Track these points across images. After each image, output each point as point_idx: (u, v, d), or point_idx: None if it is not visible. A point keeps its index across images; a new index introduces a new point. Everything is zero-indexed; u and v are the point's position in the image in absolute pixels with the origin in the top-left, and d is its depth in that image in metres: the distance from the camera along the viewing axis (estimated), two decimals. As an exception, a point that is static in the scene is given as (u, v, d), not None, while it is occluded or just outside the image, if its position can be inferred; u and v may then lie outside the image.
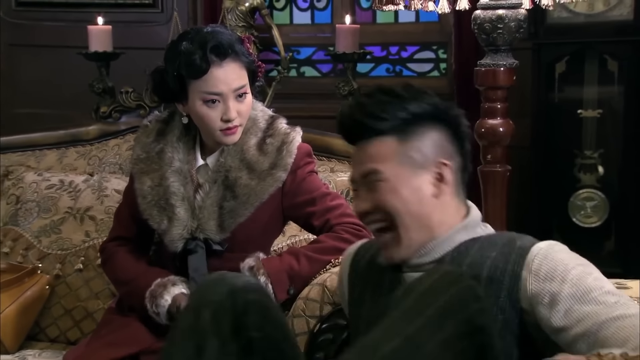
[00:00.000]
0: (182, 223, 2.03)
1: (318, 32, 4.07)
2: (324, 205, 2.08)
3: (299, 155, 2.08)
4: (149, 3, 4.09)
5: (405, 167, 1.53)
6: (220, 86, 1.98)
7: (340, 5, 4.01)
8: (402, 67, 4.00)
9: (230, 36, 2.04)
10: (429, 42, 3.93)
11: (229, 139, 2.02)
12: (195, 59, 1.96)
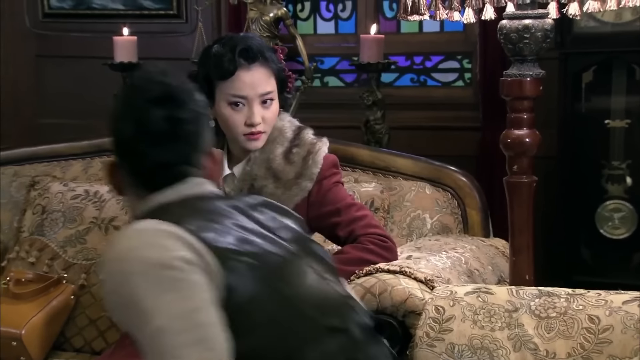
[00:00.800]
0: (206, 233, 2.05)
1: (342, 42, 4.08)
2: (349, 216, 2.09)
3: (325, 166, 2.10)
4: (173, 14, 4.12)
5: None
6: (246, 89, 2.02)
7: (365, 15, 4.02)
8: (426, 76, 4.00)
9: (260, 42, 2.09)
10: (454, 52, 3.93)
11: (252, 144, 2.04)
12: (224, 61, 2.02)
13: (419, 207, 2.51)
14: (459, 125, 3.73)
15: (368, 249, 2.05)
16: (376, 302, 1.92)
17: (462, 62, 3.91)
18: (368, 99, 2.78)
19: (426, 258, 2.12)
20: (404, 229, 2.50)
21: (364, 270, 2.00)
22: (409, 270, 1.98)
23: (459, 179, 2.52)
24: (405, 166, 2.58)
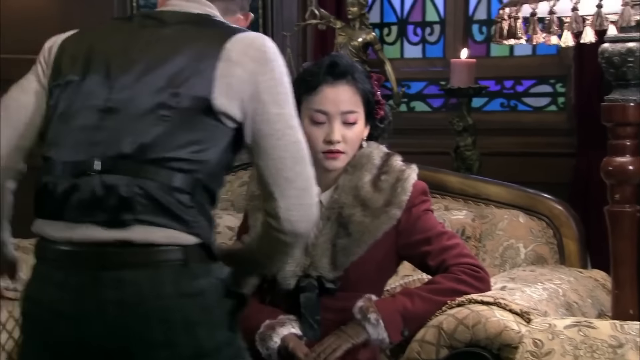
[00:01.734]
0: (295, 260, 2.06)
1: (429, 66, 4.07)
2: (440, 244, 2.07)
3: (414, 193, 2.08)
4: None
5: None
6: (328, 105, 2.04)
7: (453, 38, 4.00)
8: (517, 101, 3.94)
9: (350, 62, 2.13)
10: (546, 76, 3.86)
11: (330, 164, 2.05)
12: (310, 75, 2.07)
13: (512, 236, 2.48)
14: (552, 152, 3.66)
15: (460, 279, 2.02)
16: (469, 334, 1.90)
17: (555, 86, 3.85)
18: (458, 125, 2.76)
19: (521, 289, 2.08)
20: (496, 258, 2.46)
21: (456, 301, 1.98)
22: (503, 301, 1.95)
23: (555, 207, 2.48)
24: (497, 194, 2.55)
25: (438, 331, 1.92)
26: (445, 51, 4.04)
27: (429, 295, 2.01)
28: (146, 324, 1.51)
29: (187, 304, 1.53)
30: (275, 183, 1.56)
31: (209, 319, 1.55)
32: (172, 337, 1.51)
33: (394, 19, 4.15)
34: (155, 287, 1.51)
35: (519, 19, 1.83)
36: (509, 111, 3.93)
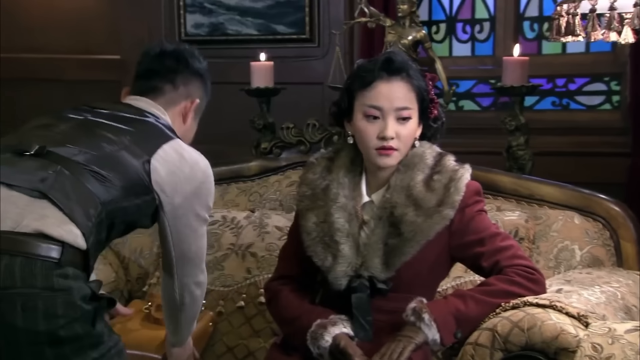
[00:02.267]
0: (347, 260, 2.06)
1: (478, 65, 4.03)
2: (494, 246, 2.05)
3: (467, 193, 2.07)
4: (306, 38, 4.21)
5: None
6: (382, 100, 2.03)
7: (503, 36, 3.97)
8: (569, 100, 3.89)
9: (405, 58, 2.11)
10: (600, 74, 3.81)
11: (383, 160, 2.04)
12: (365, 71, 2.07)
13: (567, 237, 2.44)
14: (606, 151, 3.61)
15: (514, 280, 2.00)
16: (525, 338, 1.87)
17: (610, 84, 3.79)
18: (510, 124, 2.72)
19: (578, 292, 2.05)
20: (550, 260, 2.43)
21: (511, 303, 1.95)
22: (560, 304, 1.92)
23: (612, 208, 2.43)
24: (551, 194, 2.52)
25: (492, 334, 1.90)
26: (495, 49, 4.01)
27: (482, 297, 1.98)
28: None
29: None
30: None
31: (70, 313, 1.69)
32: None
33: (442, 16, 4.13)
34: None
35: (578, 16, 1.80)
36: (561, 110, 3.89)
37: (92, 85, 4.46)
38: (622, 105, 3.72)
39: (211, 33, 4.36)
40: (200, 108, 2.18)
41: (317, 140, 2.80)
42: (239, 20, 4.31)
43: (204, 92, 2.17)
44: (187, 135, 2.14)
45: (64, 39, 4.47)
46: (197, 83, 2.15)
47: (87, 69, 4.46)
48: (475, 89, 4.08)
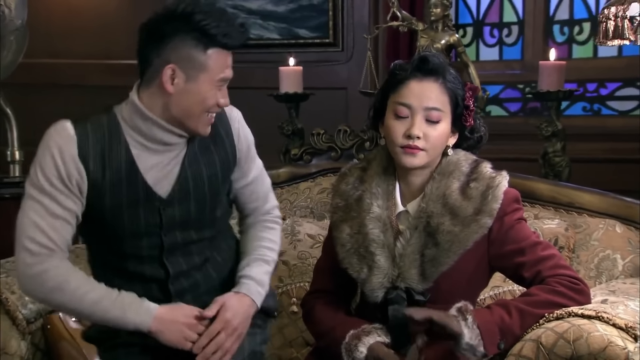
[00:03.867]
0: (383, 271, 2.04)
1: (506, 69, 4.02)
2: (535, 255, 2.03)
3: (505, 201, 2.04)
4: (329, 42, 4.21)
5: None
6: (412, 98, 2.02)
7: (532, 40, 3.95)
8: (600, 105, 3.87)
9: (442, 60, 2.09)
10: (633, 78, 3.79)
11: (407, 160, 2.02)
12: (399, 69, 2.07)
13: (608, 246, 2.42)
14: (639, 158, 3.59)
15: (557, 291, 1.97)
16: (571, 350, 1.85)
17: (644, 89, 3.78)
18: (547, 130, 2.71)
19: (624, 303, 2.02)
20: (591, 270, 2.40)
21: (555, 314, 1.93)
22: (606, 315, 1.89)
23: (655, 216, 2.41)
24: (591, 202, 2.50)
25: (537, 345, 1.87)
26: (524, 53, 4.00)
27: (526, 308, 1.96)
28: None
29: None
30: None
31: None
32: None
33: (469, 19, 4.13)
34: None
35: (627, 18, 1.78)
36: (592, 115, 3.87)
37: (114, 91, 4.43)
38: (656, 111, 3.71)
39: (233, 38, 4.36)
40: (190, 66, 1.95)
41: (349, 147, 2.79)
42: (261, 25, 4.32)
43: (184, 50, 1.95)
44: (183, 99, 1.97)
45: (85, 44, 4.49)
46: (169, 44, 1.96)
47: (109, 74, 4.47)
48: (502, 94, 4.07)
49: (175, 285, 2.07)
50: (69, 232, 2.01)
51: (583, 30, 3.91)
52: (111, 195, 2.01)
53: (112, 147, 2.00)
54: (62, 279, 1.98)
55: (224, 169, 2.12)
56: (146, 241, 2.05)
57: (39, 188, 1.98)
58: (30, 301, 2.34)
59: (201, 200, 2.08)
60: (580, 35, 3.90)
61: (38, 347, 2.38)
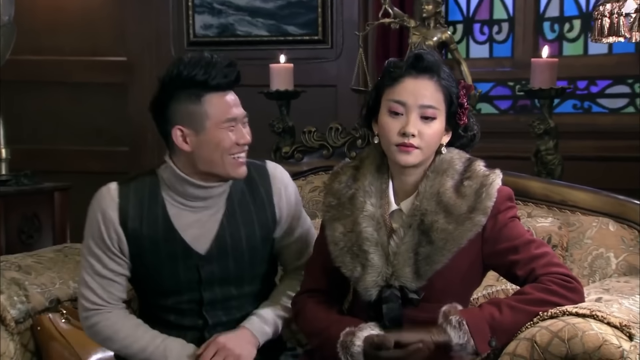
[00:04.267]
0: (376, 270, 2.04)
1: (497, 67, 4.03)
2: (529, 253, 2.03)
3: (499, 199, 2.05)
4: (318, 39, 4.20)
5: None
6: (407, 95, 2.02)
7: (522, 37, 3.97)
8: (591, 103, 3.89)
9: (437, 59, 2.09)
10: (623, 76, 3.81)
11: (402, 157, 2.03)
12: (394, 67, 2.07)
13: (601, 244, 2.43)
14: (630, 156, 3.60)
15: (550, 289, 1.98)
16: (565, 348, 1.85)
17: (634, 86, 3.79)
18: (539, 128, 2.72)
19: (618, 301, 2.03)
20: (585, 268, 2.42)
21: (549, 313, 1.93)
22: (600, 313, 1.90)
23: (648, 214, 2.42)
24: (585, 200, 2.51)
25: (531, 344, 1.88)
26: (514, 50, 4.01)
27: (518, 305, 1.96)
28: None
29: None
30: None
31: None
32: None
33: (459, 17, 4.13)
34: None
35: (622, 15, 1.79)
36: (582, 113, 3.88)
37: (98, 88, 4.46)
38: (646, 109, 3.72)
39: (220, 34, 4.36)
40: (193, 121, 2.08)
41: (340, 145, 2.79)
42: (249, 21, 4.31)
43: (182, 108, 2.08)
44: (202, 152, 2.09)
45: (70, 40, 4.47)
46: (171, 109, 2.10)
47: (93, 71, 4.46)
48: (493, 92, 4.08)
49: (211, 334, 2.19)
50: (118, 289, 2.21)
51: (573, 28, 3.93)
52: (151, 253, 2.16)
53: (150, 207, 2.15)
54: (112, 330, 2.19)
55: (263, 228, 2.22)
56: (187, 296, 2.18)
57: (87, 248, 2.18)
58: (19, 301, 2.35)
59: (239, 258, 2.19)
60: (570, 32, 3.92)
61: (27, 348, 2.37)
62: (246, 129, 2.16)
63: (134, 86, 4.45)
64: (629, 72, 3.80)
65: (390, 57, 3.64)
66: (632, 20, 1.80)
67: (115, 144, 4.52)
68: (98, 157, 4.49)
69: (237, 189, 2.20)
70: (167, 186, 2.16)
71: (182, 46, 4.40)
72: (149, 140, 4.45)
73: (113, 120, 4.48)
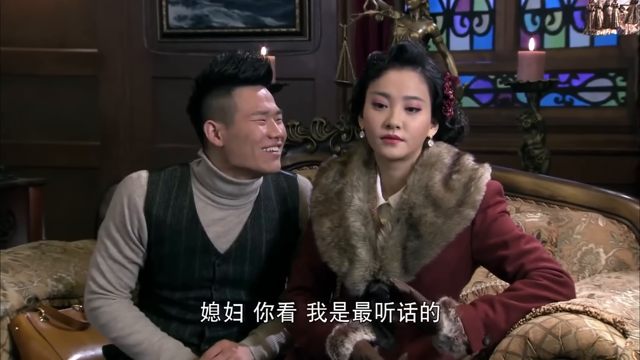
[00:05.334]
0: (364, 265, 2.04)
1: (477, 59, 4.05)
2: (518, 248, 2.04)
3: (489, 193, 2.06)
4: (296, 31, 4.19)
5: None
6: (390, 87, 2.03)
7: (503, 29, 3.99)
8: (572, 96, 3.92)
9: (421, 50, 2.10)
10: (606, 69, 3.84)
11: (388, 150, 2.03)
12: (377, 59, 2.08)
13: (591, 240, 2.44)
14: (612, 150, 3.64)
15: (541, 284, 1.98)
16: (559, 345, 1.86)
17: (616, 79, 3.82)
18: (526, 122, 2.74)
19: (610, 297, 2.04)
20: (574, 264, 2.43)
21: (542, 309, 1.94)
22: (594, 310, 1.91)
23: (637, 209, 2.45)
24: (574, 195, 2.52)
25: (524, 341, 1.88)
26: (495, 43, 4.03)
27: (511, 302, 1.97)
28: None
29: None
30: None
31: None
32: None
33: (439, 8, 4.14)
34: None
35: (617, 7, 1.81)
36: (564, 107, 3.91)
37: (68, 81, 4.41)
38: (628, 102, 3.76)
39: (195, 26, 4.32)
40: (224, 114, 2.14)
41: (325, 139, 2.78)
42: (225, 13, 4.28)
43: (214, 103, 2.15)
44: (233, 146, 2.15)
45: (39, 31, 4.41)
46: (203, 105, 2.17)
47: (63, 63, 4.40)
48: (473, 85, 4.10)
49: (212, 332, 2.21)
50: (128, 276, 2.23)
51: (555, 20, 3.95)
52: (170, 243, 2.19)
53: (178, 196, 2.18)
54: (112, 317, 2.20)
55: (285, 236, 2.26)
56: (196, 293, 2.21)
57: (106, 230, 2.21)
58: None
59: (256, 262, 2.23)
60: (552, 24, 3.95)
61: (3, 348, 2.35)
62: (280, 125, 2.20)
63: (105, 79, 4.41)
64: (611, 66, 3.83)
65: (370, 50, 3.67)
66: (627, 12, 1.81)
67: (85, 139, 4.47)
68: (67, 151, 4.44)
69: (265, 194, 2.25)
70: (197, 179, 2.20)
71: (156, 38, 4.36)
72: (121, 134, 4.42)
73: (83, 113, 4.43)
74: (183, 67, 4.29)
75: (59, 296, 2.52)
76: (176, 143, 4.30)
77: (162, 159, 4.08)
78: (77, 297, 2.55)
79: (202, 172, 2.18)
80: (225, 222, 2.20)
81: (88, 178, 4.37)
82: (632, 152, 3.54)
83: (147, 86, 4.41)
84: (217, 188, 2.18)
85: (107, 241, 2.20)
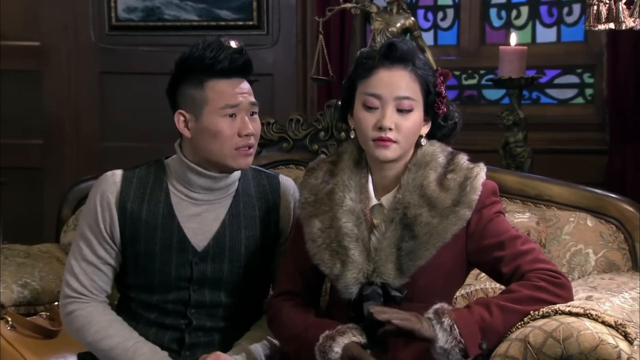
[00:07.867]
0: (357, 266, 2.05)
1: (442, 55, 4.07)
2: (514, 249, 2.07)
3: (484, 193, 2.08)
4: (253, 25, 4.16)
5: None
6: (382, 87, 2.04)
7: (468, 24, 4.02)
8: (539, 93, 3.98)
9: (411, 47, 2.11)
10: (573, 65, 3.90)
11: (380, 152, 2.04)
12: (367, 58, 2.08)
13: (580, 240, 2.48)
14: (580, 148, 3.70)
15: (539, 286, 2.01)
16: (560, 349, 1.88)
17: (583, 76, 3.89)
18: (508, 119, 2.77)
19: (609, 299, 2.08)
20: (563, 265, 2.47)
21: (541, 312, 1.97)
22: (595, 312, 1.94)
23: (626, 209, 2.49)
24: (561, 194, 2.55)
25: (524, 345, 1.90)
26: (460, 38, 4.06)
27: (507, 304, 1.99)
28: None
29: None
30: None
31: None
32: None
33: (402, 2, 4.15)
34: None
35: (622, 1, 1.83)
36: (530, 104, 3.96)
37: (9, 76, 4.29)
38: (595, 99, 3.82)
39: (145, 18, 4.26)
40: (194, 106, 2.14)
41: (302, 137, 2.76)
42: (178, 4, 4.24)
43: (187, 92, 2.15)
44: (200, 140, 2.15)
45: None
46: (178, 92, 2.17)
47: (3, 57, 4.28)
48: (437, 81, 4.11)
49: (192, 337, 2.20)
50: (103, 279, 2.22)
51: (521, 15, 4.00)
52: (145, 239, 2.18)
53: (153, 191, 2.19)
54: (86, 321, 2.18)
55: (265, 234, 2.24)
56: (174, 295, 2.19)
57: (80, 232, 2.22)
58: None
59: (235, 262, 2.21)
60: (518, 19, 4.00)
61: (-30, 357, 2.28)
62: (254, 120, 2.17)
63: (49, 74, 4.32)
64: (578, 62, 3.89)
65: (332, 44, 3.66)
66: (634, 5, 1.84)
67: (27, 137, 4.36)
68: (8, 150, 4.31)
69: (245, 191, 2.23)
70: (172, 174, 2.20)
71: (103, 31, 4.28)
72: (66, 132, 4.32)
73: (25, 110, 4.32)
74: (132, 62, 4.24)
75: (24, 303, 2.49)
76: (125, 142, 4.25)
77: (110, 158, 4.02)
78: (43, 303, 2.52)
79: (175, 165, 2.19)
80: (201, 218, 2.19)
81: (31, 179, 4.27)
82: (601, 150, 3.60)
83: (94, 81, 4.33)
84: (190, 181, 2.18)
85: (81, 242, 2.20)
